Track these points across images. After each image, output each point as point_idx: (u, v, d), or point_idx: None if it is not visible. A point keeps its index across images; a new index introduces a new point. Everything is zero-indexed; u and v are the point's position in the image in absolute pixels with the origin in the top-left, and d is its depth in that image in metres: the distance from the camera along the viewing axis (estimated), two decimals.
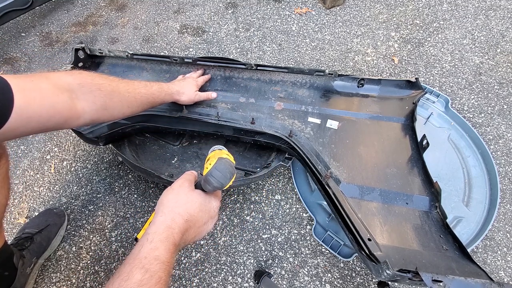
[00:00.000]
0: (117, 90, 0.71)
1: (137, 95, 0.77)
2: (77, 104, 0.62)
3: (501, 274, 1.00)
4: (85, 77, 0.65)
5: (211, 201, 0.57)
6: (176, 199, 0.53)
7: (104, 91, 0.67)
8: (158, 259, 0.44)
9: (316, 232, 1.05)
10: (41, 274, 1.01)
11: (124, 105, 0.74)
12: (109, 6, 1.90)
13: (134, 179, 1.21)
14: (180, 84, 0.97)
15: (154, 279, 0.42)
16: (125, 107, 0.75)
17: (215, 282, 0.99)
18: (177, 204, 0.52)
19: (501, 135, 1.29)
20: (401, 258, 0.73)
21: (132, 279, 0.40)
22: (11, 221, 1.11)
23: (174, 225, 0.49)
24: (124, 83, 0.75)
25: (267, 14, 1.82)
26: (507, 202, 1.13)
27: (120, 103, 0.72)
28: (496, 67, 1.51)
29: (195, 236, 0.54)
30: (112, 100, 0.70)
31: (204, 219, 0.55)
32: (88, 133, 0.99)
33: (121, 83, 0.74)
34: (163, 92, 0.88)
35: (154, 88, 0.84)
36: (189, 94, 0.97)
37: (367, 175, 0.93)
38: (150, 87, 0.83)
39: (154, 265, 0.43)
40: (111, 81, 0.71)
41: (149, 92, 0.81)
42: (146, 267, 0.42)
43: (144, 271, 0.42)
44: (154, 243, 0.45)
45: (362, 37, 1.68)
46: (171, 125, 1.06)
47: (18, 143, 1.31)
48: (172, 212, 0.51)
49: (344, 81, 1.12)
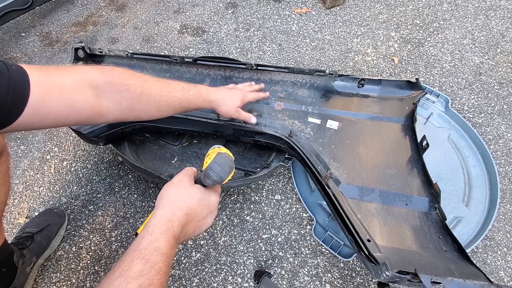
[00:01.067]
0: (147, 92, 0.68)
1: (169, 99, 0.73)
2: (103, 103, 0.61)
3: (501, 274, 1.00)
4: (115, 75, 0.63)
5: (211, 195, 0.57)
6: (176, 193, 0.54)
7: (133, 92, 0.65)
8: (158, 250, 0.44)
9: (316, 232, 1.05)
10: (41, 274, 1.01)
11: (152, 108, 0.71)
12: (109, 6, 1.90)
13: (134, 179, 1.21)
14: (224, 94, 0.89)
15: (154, 269, 0.42)
16: (154, 110, 0.72)
17: (215, 282, 0.99)
18: (176, 198, 0.53)
19: (501, 135, 1.29)
20: (400, 259, 0.73)
21: (133, 268, 0.41)
22: (11, 221, 1.11)
23: (174, 218, 0.49)
24: (158, 85, 0.71)
25: (267, 14, 1.81)
26: (507, 202, 1.13)
27: (148, 106, 0.70)
28: (496, 67, 1.51)
29: (195, 230, 0.54)
30: (141, 102, 0.67)
31: (204, 213, 0.55)
32: (88, 133, 0.99)
33: (154, 85, 0.70)
34: (201, 98, 0.82)
35: (191, 93, 0.79)
36: (229, 108, 0.89)
37: (366, 175, 0.93)
38: (187, 91, 0.78)
39: (154, 256, 0.43)
40: (143, 82, 0.68)
41: (184, 96, 0.77)
42: (146, 257, 0.42)
43: (145, 261, 0.42)
44: (154, 235, 0.46)
45: (362, 37, 1.68)
46: (171, 125, 1.06)
47: (18, 143, 1.31)
48: (172, 206, 0.51)
49: (344, 81, 1.12)
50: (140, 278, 0.40)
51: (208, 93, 0.85)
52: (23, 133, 1.34)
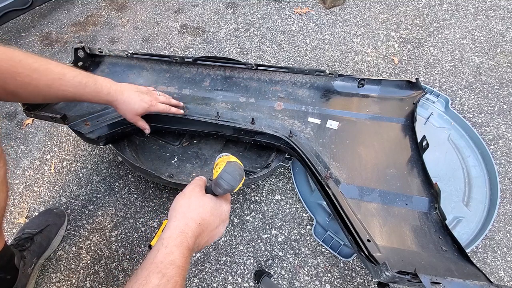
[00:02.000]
0: (35, 83, 0.66)
1: (60, 92, 0.72)
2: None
3: (501, 274, 1.00)
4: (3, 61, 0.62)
5: (222, 204, 0.58)
6: (188, 204, 0.54)
7: (19, 81, 0.64)
8: (174, 264, 0.44)
9: (316, 232, 1.05)
10: (41, 274, 1.01)
11: (39, 97, 0.71)
12: (109, 6, 1.90)
13: (134, 179, 1.21)
14: (129, 97, 0.85)
15: (171, 283, 0.42)
16: (40, 99, 0.72)
17: (215, 282, 0.99)
18: (189, 209, 0.53)
19: (501, 135, 1.29)
20: (400, 259, 0.73)
21: (150, 283, 0.41)
22: (11, 221, 1.11)
23: (188, 229, 0.50)
24: (49, 76, 0.69)
25: (267, 14, 1.81)
26: (507, 202, 1.13)
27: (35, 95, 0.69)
28: (496, 67, 1.51)
29: (208, 240, 0.55)
30: (26, 91, 0.67)
31: (216, 222, 0.56)
32: (88, 133, 0.99)
33: (45, 76, 0.68)
34: (98, 97, 0.79)
35: (87, 90, 0.76)
36: (127, 113, 0.87)
37: (366, 175, 0.93)
38: (83, 87, 0.75)
39: (170, 269, 0.43)
40: (33, 71, 0.66)
41: (78, 92, 0.74)
42: (162, 271, 0.43)
43: (161, 275, 0.42)
44: (169, 248, 0.46)
45: (362, 37, 1.68)
46: (171, 125, 1.06)
47: (18, 143, 1.31)
48: (185, 217, 0.52)
49: (344, 81, 1.12)
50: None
51: (109, 93, 0.80)
52: (23, 133, 1.34)
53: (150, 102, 0.89)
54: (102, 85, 0.79)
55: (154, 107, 0.91)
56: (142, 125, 0.94)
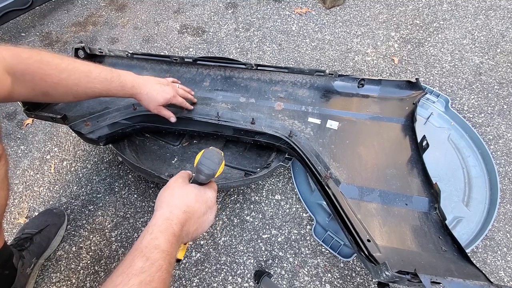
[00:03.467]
0: (64, 83, 0.69)
1: (88, 89, 0.75)
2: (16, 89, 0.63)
3: (501, 274, 1.00)
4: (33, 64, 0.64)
5: (207, 191, 0.59)
6: (171, 194, 0.55)
7: (49, 82, 0.67)
8: (158, 248, 0.45)
9: (316, 232, 1.05)
10: (41, 274, 1.01)
11: (69, 96, 0.74)
12: (109, 6, 1.90)
13: (134, 179, 1.21)
14: (151, 89, 0.88)
15: (155, 266, 0.43)
16: (70, 97, 0.75)
17: (215, 282, 0.99)
18: (173, 198, 0.54)
19: (501, 135, 1.29)
20: (400, 259, 0.73)
21: (134, 266, 0.42)
22: (11, 221, 1.11)
23: (172, 216, 0.51)
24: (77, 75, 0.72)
25: (267, 14, 1.81)
26: (507, 202, 1.13)
27: (64, 95, 0.72)
28: (496, 67, 1.51)
29: (197, 228, 0.55)
30: (56, 91, 0.69)
31: (202, 209, 0.56)
32: (88, 133, 0.99)
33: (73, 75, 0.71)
34: (123, 91, 0.83)
35: (113, 85, 0.79)
36: (150, 104, 0.90)
37: (366, 175, 0.93)
38: (109, 82, 0.78)
39: (154, 253, 0.44)
40: (61, 72, 0.68)
41: (105, 87, 0.78)
42: (146, 255, 0.44)
43: (145, 259, 0.43)
44: (154, 234, 0.47)
45: (362, 37, 1.68)
46: (171, 125, 1.06)
47: (18, 143, 1.31)
48: (169, 205, 0.52)
49: (344, 81, 1.12)
50: (141, 275, 0.41)
51: (133, 86, 0.84)
52: (23, 133, 1.34)
53: (172, 93, 0.92)
54: (126, 79, 0.82)
55: (175, 99, 0.94)
56: (167, 114, 0.95)
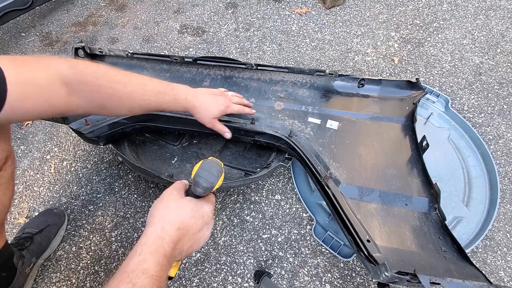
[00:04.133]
0: (118, 94, 0.67)
1: (142, 102, 0.72)
2: (73, 100, 0.61)
3: (501, 274, 1.00)
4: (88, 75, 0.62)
5: (203, 205, 0.54)
6: (165, 207, 0.51)
7: (103, 93, 0.65)
8: (146, 273, 0.41)
9: (316, 232, 1.05)
10: (41, 274, 1.01)
11: (123, 108, 0.71)
12: (109, 6, 1.90)
13: (134, 179, 1.21)
14: (205, 101, 0.86)
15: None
16: (125, 110, 0.72)
17: (215, 282, 0.99)
18: (167, 212, 0.50)
19: (501, 135, 1.29)
20: (400, 259, 0.73)
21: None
22: (11, 221, 1.11)
23: (165, 235, 0.47)
24: (131, 88, 0.70)
25: (267, 14, 1.81)
26: (507, 202, 1.13)
27: (119, 106, 0.70)
28: (496, 67, 1.51)
29: (192, 245, 0.51)
30: (111, 103, 0.67)
31: (198, 225, 0.52)
32: (88, 133, 0.99)
33: (127, 88, 0.69)
34: (177, 103, 0.80)
35: (167, 98, 0.77)
36: (205, 117, 0.87)
37: (366, 176, 0.93)
38: (163, 95, 0.76)
39: (142, 279, 0.41)
40: (116, 83, 0.67)
41: (159, 100, 0.75)
42: (133, 281, 0.40)
43: (131, 285, 0.40)
44: (142, 255, 0.43)
45: (362, 37, 1.68)
46: (171, 125, 1.06)
47: (18, 143, 1.31)
48: (162, 221, 0.49)
49: (344, 81, 1.12)
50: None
51: (186, 99, 0.82)
52: (23, 133, 1.34)
53: (226, 104, 0.89)
54: (179, 92, 0.80)
55: (229, 108, 0.91)
56: (221, 128, 0.92)
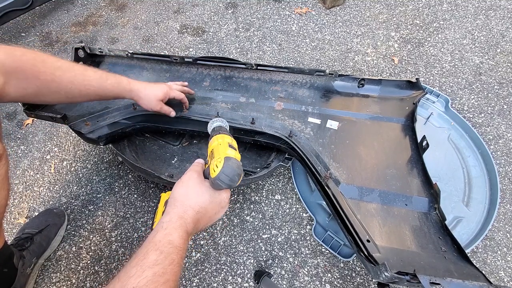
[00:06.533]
0: (58, 80, 0.68)
1: (83, 87, 0.73)
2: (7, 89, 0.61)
3: (501, 274, 1.00)
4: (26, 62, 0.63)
5: (222, 193, 0.58)
6: (186, 193, 0.55)
7: (42, 80, 0.65)
8: (171, 243, 0.46)
9: (316, 232, 1.05)
10: (41, 274, 1.01)
11: (62, 95, 0.71)
12: (109, 6, 1.90)
13: (134, 179, 1.21)
14: (146, 85, 0.88)
15: (168, 260, 0.45)
16: (63, 97, 0.72)
17: (215, 282, 0.99)
18: (187, 198, 0.54)
19: (501, 135, 1.29)
20: (400, 259, 0.73)
21: (148, 258, 0.44)
22: (11, 221, 1.11)
23: (186, 215, 0.52)
24: (72, 73, 0.70)
25: (267, 14, 1.81)
26: (507, 202, 1.13)
27: (57, 94, 0.70)
28: (496, 67, 1.51)
29: (207, 223, 0.57)
30: (49, 90, 0.68)
31: (215, 209, 0.57)
32: (88, 133, 0.99)
33: (67, 73, 0.69)
34: (120, 88, 0.81)
35: (109, 82, 0.78)
36: (150, 102, 0.88)
37: (366, 176, 0.93)
38: (104, 80, 0.77)
39: (167, 248, 0.46)
40: (56, 69, 0.67)
41: (100, 85, 0.76)
42: (160, 249, 0.45)
43: (159, 252, 0.45)
44: (168, 230, 0.48)
45: (362, 37, 1.68)
46: (171, 125, 1.06)
47: (18, 143, 1.31)
48: (183, 205, 0.53)
49: (344, 81, 1.12)
50: (154, 267, 0.43)
51: (129, 84, 0.83)
52: (23, 133, 1.34)
53: (168, 87, 0.92)
54: (121, 78, 0.82)
55: (172, 91, 0.93)
56: (167, 110, 0.94)
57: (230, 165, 0.53)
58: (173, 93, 0.93)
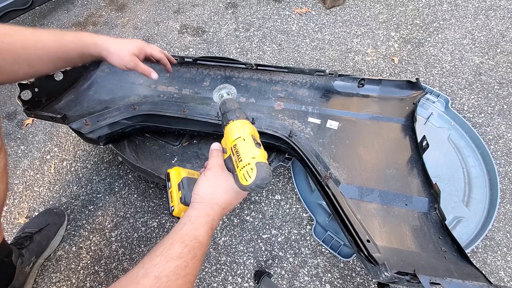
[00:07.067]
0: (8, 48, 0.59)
1: (39, 50, 0.63)
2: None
3: (501, 274, 1.00)
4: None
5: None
6: (213, 191, 0.55)
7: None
8: (196, 239, 0.48)
9: (316, 232, 1.05)
10: (41, 274, 1.01)
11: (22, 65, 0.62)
12: (109, 6, 1.90)
13: (134, 179, 1.21)
14: (116, 39, 0.75)
15: (191, 254, 0.46)
16: (25, 67, 0.63)
17: (215, 282, 0.99)
18: (214, 196, 0.55)
19: (501, 135, 1.29)
20: (400, 259, 0.73)
21: (173, 250, 0.45)
22: (11, 221, 1.11)
23: (213, 213, 0.53)
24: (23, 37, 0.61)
25: (267, 14, 1.81)
26: (507, 202, 1.13)
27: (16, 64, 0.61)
28: (496, 67, 1.51)
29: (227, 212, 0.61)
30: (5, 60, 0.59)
31: (238, 200, 0.59)
32: (88, 133, 0.99)
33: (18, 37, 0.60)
34: (81, 43, 0.70)
35: (66, 39, 0.67)
36: (122, 57, 0.75)
37: (366, 176, 0.93)
38: (60, 37, 0.66)
39: (193, 242, 0.47)
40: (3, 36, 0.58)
41: (58, 44, 0.66)
42: (185, 242, 0.46)
43: (184, 245, 0.46)
44: (195, 225, 0.49)
45: (362, 37, 1.68)
46: (171, 125, 1.06)
47: (18, 143, 1.31)
48: (211, 203, 0.54)
49: (344, 81, 1.12)
50: (178, 260, 0.44)
51: (92, 36, 0.71)
52: (23, 133, 1.34)
53: (141, 43, 0.80)
54: (81, 32, 0.72)
55: (149, 47, 0.82)
56: (145, 68, 0.80)
57: (262, 174, 0.48)
58: (149, 49, 0.82)
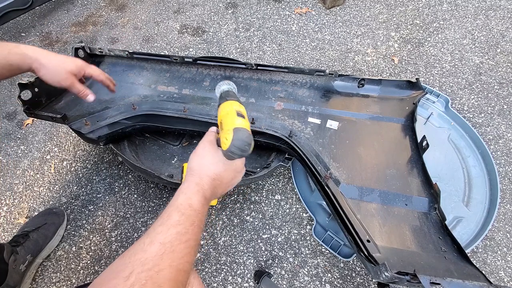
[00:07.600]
0: None
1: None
2: None
3: (501, 274, 1.00)
4: None
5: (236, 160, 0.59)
6: (201, 162, 0.57)
7: None
8: (191, 207, 0.50)
9: (316, 232, 1.05)
10: (41, 274, 1.01)
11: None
12: (109, 6, 1.90)
13: (134, 179, 1.21)
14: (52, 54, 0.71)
15: (189, 221, 0.48)
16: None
17: (215, 282, 0.99)
18: (202, 167, 0.56)
19: (501, 135, 1.29)
20: (400, 259, 0.73)
21: (171, 219, 0.47)
22: (11, 221, 1.11)
23: (203, 182, 0.54)
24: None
25: (267, 14, 1.81)
26: (507, 202, 1.13)
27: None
28: (496, 67, 1.51)
29: (225, 189, 0.59)
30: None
31: (231, 175, 0.59)
32: (88, 133, 0.99)
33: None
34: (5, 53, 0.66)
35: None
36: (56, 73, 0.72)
37: (366, 176, 0.93)
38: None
39: (188, 210, 0.49)
40: None
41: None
42: (181, 211, 0.49)
43: (181, 214, 0.48)
44: (188, 194, 0.52)
45: (362, 37, 1.68)
46: (171, 125, 1.06)
47: (18, 143, 1.31)
48: (200, 174, 0.55)
49: (344, 81, 1.12)
50: (177, 227, 0.47)
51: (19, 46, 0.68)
52: (23, 133, 1.34)
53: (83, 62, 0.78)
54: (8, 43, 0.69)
55: (88, 68, 0.79)
56: (81, 89, 0.76)
57: (239, 137, 0.53)
58: (89, 69, 0.79)
